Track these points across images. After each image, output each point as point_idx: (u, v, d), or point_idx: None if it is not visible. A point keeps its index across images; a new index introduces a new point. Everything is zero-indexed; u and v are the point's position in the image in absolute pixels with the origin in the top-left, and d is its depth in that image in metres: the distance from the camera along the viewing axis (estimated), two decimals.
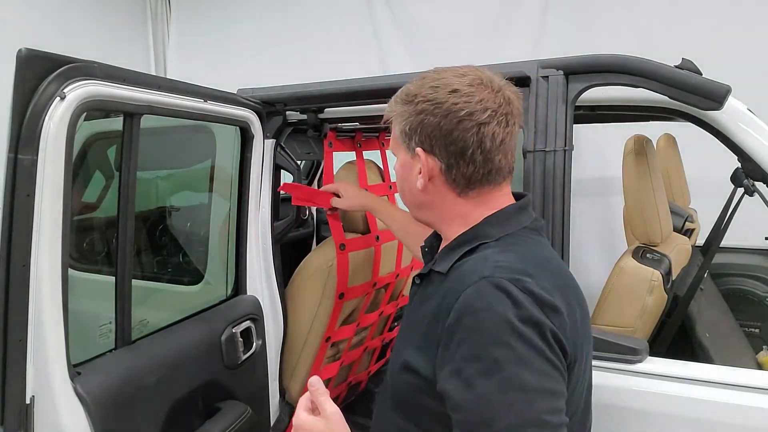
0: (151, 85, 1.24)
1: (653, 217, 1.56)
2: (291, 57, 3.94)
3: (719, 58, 2.13)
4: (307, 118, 1.67)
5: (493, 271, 0.76)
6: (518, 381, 0.69)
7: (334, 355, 1.87)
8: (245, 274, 1.66)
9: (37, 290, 1.03)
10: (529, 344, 0.70)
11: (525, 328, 0.71)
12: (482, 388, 0.69)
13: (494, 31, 3.35)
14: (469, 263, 0.82)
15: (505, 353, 0.70)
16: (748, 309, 2.18)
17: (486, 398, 0.69)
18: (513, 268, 0.77)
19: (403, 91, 0.90)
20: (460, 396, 0.71)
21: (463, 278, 0.78)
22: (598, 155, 2.96)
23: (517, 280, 0.74)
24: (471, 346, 0.72)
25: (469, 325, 0.73)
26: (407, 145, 0.88)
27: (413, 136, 0.86)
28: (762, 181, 1.24)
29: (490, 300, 0.73)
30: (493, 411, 0.69)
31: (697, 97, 1.17)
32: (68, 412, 1.07)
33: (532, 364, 0.70)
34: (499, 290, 0.73)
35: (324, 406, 0.80)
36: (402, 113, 0.88)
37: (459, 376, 0.71)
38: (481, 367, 0.70)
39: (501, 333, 0.70)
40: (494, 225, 0.87)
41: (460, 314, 0.74)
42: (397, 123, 0.90)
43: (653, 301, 1.43)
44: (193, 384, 1.37)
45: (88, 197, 2.08)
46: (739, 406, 1.10)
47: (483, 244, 0.84)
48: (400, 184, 0.94)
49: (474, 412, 0.70)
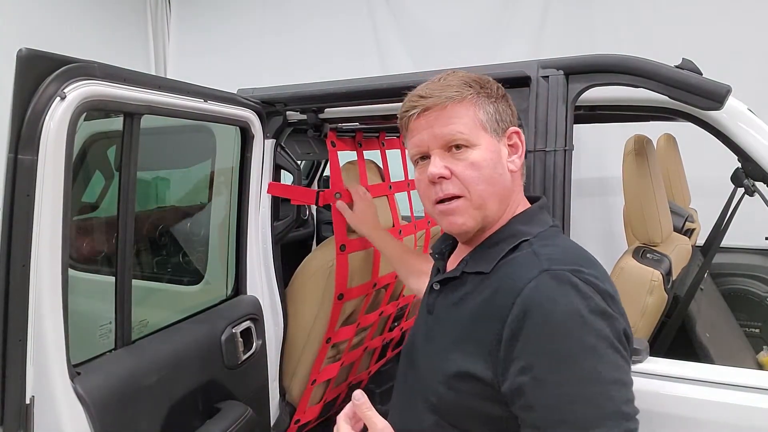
0: (151, 85, 1.24)
1: (653, 217, 1.56)
2: (291, 57, 3.94)
3: (719, 58, 2.13)
4: (308, 118, 1.67)
5: (550, 263, 0.75)
6: (595, 374, 0.68)
7: (334, 355, 1.87)
8: (245, 274, 1.66)
9: (37, 290, 1.03)
10: (599, 335, 0.70)
11: (594, 319, 0.70)
12: (558, 384, 0.68)
13: (494, 31, 3.35)
14: (518, 259, 0.81)
15: (579, 346, 0.69)
16: (748, 309, 2.18)
17: (563, 394, 0.68)
18: (566, 260, 0.76)
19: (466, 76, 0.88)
20: (534, 394, 0.69)
21: (517, 274, 0.77)
22: (598, 155, 2.97)
23: (577, 272, 0.73)
24: (541, 341, 0.70)
25: (537, 320, 0.71)
26: (495, 128, 0.87)
27: (503, 116, 0.88)
28: (762, 181, 1.24)
29: (555, 293, 0.72)
30: (571, 406, 0.67)
31: (697, 97, 1.17)
32: (68, 412, 1.07)
33: (605, 355, 0.69)
34: (563, 283, 0.72)
35: (373, 420, 0.76)
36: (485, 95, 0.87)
37: (530, 373, 0.70)
38: (555, 361, 0.69)
39: (572, 326, 0.69)
40: (526, 223, 0.87)
41: (525, 309, 0.72)
42: (476, 106, 0.86)
43: (653, 301, 1.43)
44: (193, 384, 1.37)
45: (88, 197, 2.08)
46: (739, 406, 1.09)
47: (525, 242, 0.83)
48: (489, 173, 0.85)
49: (552, 408, 0.68)
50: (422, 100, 0.86)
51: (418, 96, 0.88)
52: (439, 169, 0.85)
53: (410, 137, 0.90)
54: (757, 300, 2.18)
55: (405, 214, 2.10)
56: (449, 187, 0.85)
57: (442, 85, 0.87)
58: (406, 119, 0.90)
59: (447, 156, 0.86)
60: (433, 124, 0.85)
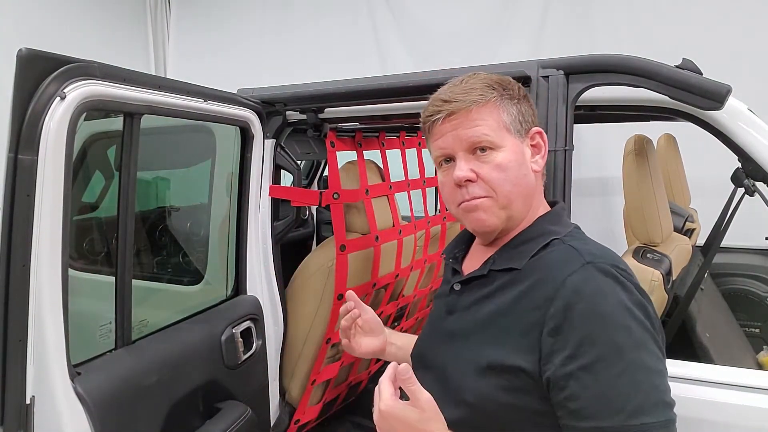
0: (151, 85, 1.24)
1: (653, 217, 1.56)
2: (291, 57, 3.94)
3: (719, 58, 2.13)
4: (307, 118, 1.67)
5: (593, 257, 0.77)
6: (641, 363, 0.70)
7: (334, 355, 1.87)
8: (245, 274, 1.66)
9: (37, 290, 1.03)
10: (642, 326, 0.72)
11: (637, 311, 0.73)
12: (605, 373, 0.70)
13: (494, 31, 3.35)
14: (555, 254, 0.82)
15: (625, 336, 0.71)
16: (748, 309, 2.18)
17: (611, 383, 0.69)
18: (606, 256, 0.78)
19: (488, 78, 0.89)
20: (581, 382, 0.70)
21: (557, 267, 0.78)
22: (598, 155, 2.97)
23: (617, 266, 0.76)
24: (587, 331, 0.72)
25: (584, 310, 0.72)
26: (518, 129, 0.88)
27: (526, 117, 0.88)
28: (762, 181, 1.24)
29: (600, 284, 0.74)
30: (619, 395, 0.69)
31: (697, 97, 1.17)
32: (68, 412, 1.07)
33: (648, 346, 0.72)
34: (606, 275, 0.74)
35: (418, 395, 0.75)
36: (508, 97, 0.88)
37: (575, 363, 0.71)
38: (602, 351, 0.70)
39: (619, 317, 0.71)
40: (554, 223, 0.88)
41: (570, 300, 0.73)
42: (499, 109, 0.87)
43: (653, 301, 1.43)
44: (193, 384, 1.37)
45: (88, 197, 2.08)
46: (738, 406, 1.10)
47: (556, 239, 0.84)
48: (515, 174, 0.86)
49: (599, 397, 0.70)
50: (446, 104, 0.87)
51: (441, 100, 0.88)
52: (465, 172, 0.85)
53: (433, 140, 0.90)
54: (757, 300, 2.18)
55: (405, 214, 2.10)
56: (476, 190, 0.85)
57: (464, 89, 0.87)
58: (429, 123, 0.90)
59: (472, 159, 0.86)
60: (457, 127, 0.86)
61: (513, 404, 0.77)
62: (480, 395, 0.80)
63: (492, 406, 0.79)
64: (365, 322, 1.09)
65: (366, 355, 1.11)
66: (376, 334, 1.10)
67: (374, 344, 1.10)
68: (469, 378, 0.81)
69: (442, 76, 1.04)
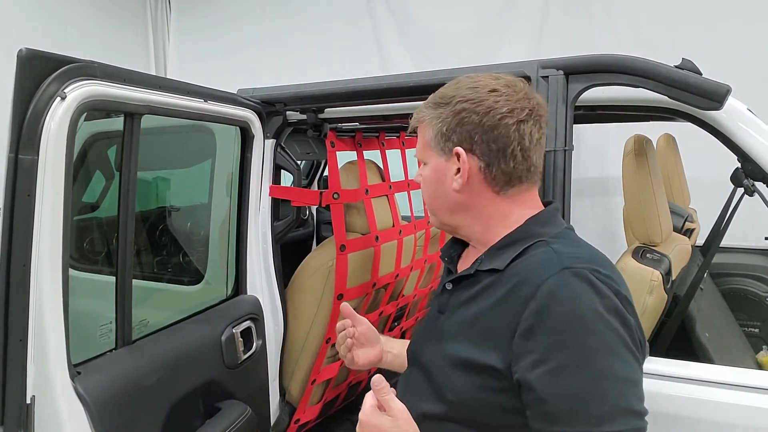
0: (151, 85, 1.24)
1: (653, 217, 1.56)
2: (291, 57, 3.94)
3: (719, 58, 2.13)
4: (307, 118, 1.67)
5: (572, 261, 0.77)
6: (609, 370, 0.70)
7: (334, 355, 1.87)
8: (245, 274, 1.66)
9: (37, 290, 1.03)
10: (615, 333, 0.72)
11: (610, 317, 0.72)
12: (573, 378, 0.70)
13: (494, 31, 3.36)
14: (538, 256, 0.82)
15: (596, 342, 0.71)
16: (748, 309, 2.18)
17: (578, 388, 0.70)
18: (586, 259, 0.78)
19: (435, 95, 0.91)
20: (547, 387, 0.71)
21: (537, 269, 0.78)
22: (598, 155, 2.97)
23: (596, 271, 0.75)
24: (557, 335, 0.72)
25: (556, 315, 0.73)
26: (442, 147, 0.89)
27: (451, 137, 0.88)
28: (762, 181, 1.25)
29: (575, 289, 0.74)
30: (585, 401, 0.69)
31: (696, 97, 1.17)
32: (68, 411, 1.07)
33: (620, 353, 0.71)
34: (582, 280, 0.74)
35: (390, 404, 0.81)
36: (436, 116, 0.89)
37: (544, 366, 0.71)
38: (570, 356, 0.71)
39: (590, 322, 0.71)
40: (543, 225, 0.88)
41: (545, 304, 0.74)
42: (429, 127, 0.91)
43: (653, 301, 1.43)
44: (193, 384, 1.38)
45: (89, 197, 2.08)
46: (739, 406, 1.10)
47: (541, 241, 0.84)
48: (432, 189, 0.93)
49: (564, 402, 0.70)
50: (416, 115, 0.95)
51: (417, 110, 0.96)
52: (416, 178, 0.99)
53: None
54: (757, 300, 2.19)
55: (405, 214, 2.10)
56: None
57: (425, 104, 0.93)
58: None
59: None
60: None
61: (491, 402, 0.79)
62: (459, 393, 0.82)
63: (471, 403, 0.81)
64: (360, 335, 1.11)
65: (365, 366, 1.13)
66: (372, 344, 1.13)
67: (371, 355, 1.13)
68: (450, 376, 0.84)
69: (442, 76, 1.04)
